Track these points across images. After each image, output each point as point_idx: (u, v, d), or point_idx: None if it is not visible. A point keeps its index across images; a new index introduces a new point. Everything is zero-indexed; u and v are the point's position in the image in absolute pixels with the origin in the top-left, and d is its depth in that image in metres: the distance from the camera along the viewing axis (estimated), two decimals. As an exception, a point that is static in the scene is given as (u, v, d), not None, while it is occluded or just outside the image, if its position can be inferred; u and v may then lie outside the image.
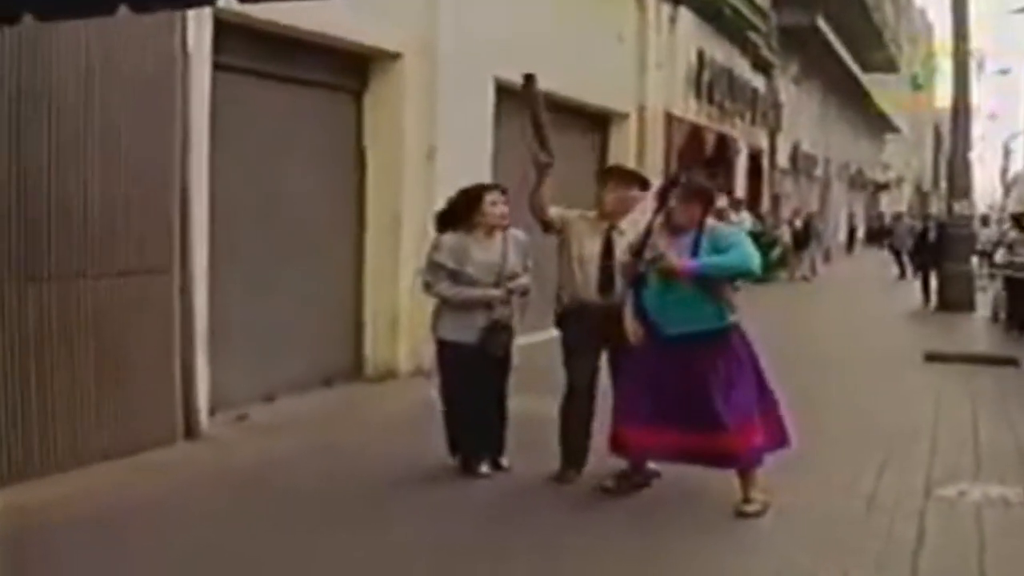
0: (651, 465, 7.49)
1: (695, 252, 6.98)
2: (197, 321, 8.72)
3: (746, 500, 6.98)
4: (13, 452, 7.19)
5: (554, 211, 7.65)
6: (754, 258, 7.00)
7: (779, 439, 7.24)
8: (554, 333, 7.90)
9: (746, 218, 23.84)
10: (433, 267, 7.72)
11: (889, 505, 7.22)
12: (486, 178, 10.34)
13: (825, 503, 7.22)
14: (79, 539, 6.30)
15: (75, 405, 7.65)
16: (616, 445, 7.31)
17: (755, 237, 24.55)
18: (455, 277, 7.64)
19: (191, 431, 8.62)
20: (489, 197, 7.74)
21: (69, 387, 7.59)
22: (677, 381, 6.97)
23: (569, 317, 7.68)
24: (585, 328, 7.55)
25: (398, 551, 6.25)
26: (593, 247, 7.54)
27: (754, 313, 7.30)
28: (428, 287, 7.79)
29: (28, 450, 7.30)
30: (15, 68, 7.17)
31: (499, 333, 7.67)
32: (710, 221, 7.27)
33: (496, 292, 7.66)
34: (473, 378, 7.67)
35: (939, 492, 7.56)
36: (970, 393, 11.60)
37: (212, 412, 9.04)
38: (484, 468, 7.80)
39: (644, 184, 7.87)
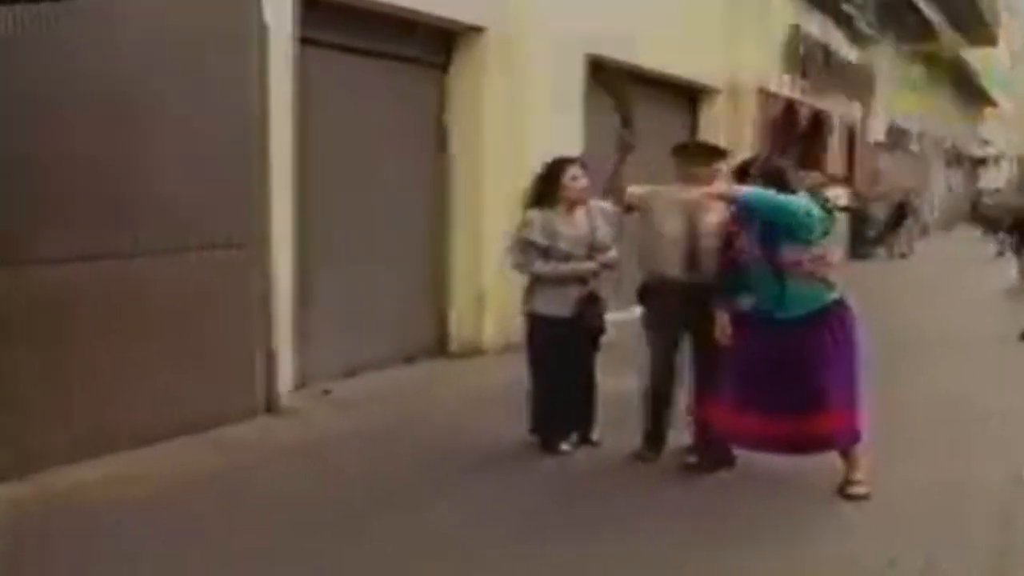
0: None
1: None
2: (280, 296, 8.73)
3: (851, 482, 6.82)
4: (91, 425, 7.23)
5: (634, 191, 7.53)
6: (812, 208, 6.68)
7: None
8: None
9: (841, 194, 23.42)
10: (524, 245, 7.63)
11: (977, 489, 7.02)
12: (576, 152, 10.22)
13: (912, 486, 7.02)
14: (153, 514, 6.33)
15: (153, 379, 7.67)
16: (706, 422, 7.22)
17: (848, 211, 24.26)
18: (547, 253, 7.56)
19: (272, 406, 8.63)
20: (569, 171, 7.64)
21: (147, 361, 7.62)
22: (777, 363, 6.81)
23: (650, 293, 7.57)
24: (666, 304, 7.43)
25: (459, 531, 6.17)
26: (676, 223, 7.38)
27: (850, 290, 7.10)
28: (521, 266, 7.71)
29: (107, 423, 7.33)
30: (87, 46, 7.16)
31: (594, 305, 7.62)
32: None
33: (590, 265, 7.60)
34: (566, 353, 7.62)
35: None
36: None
37: (295, 387, 9.04)
38: (565, 446, 7.72)
39: (724, 156, 7.70)
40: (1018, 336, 13.57)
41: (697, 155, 7.58)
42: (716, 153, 7.68)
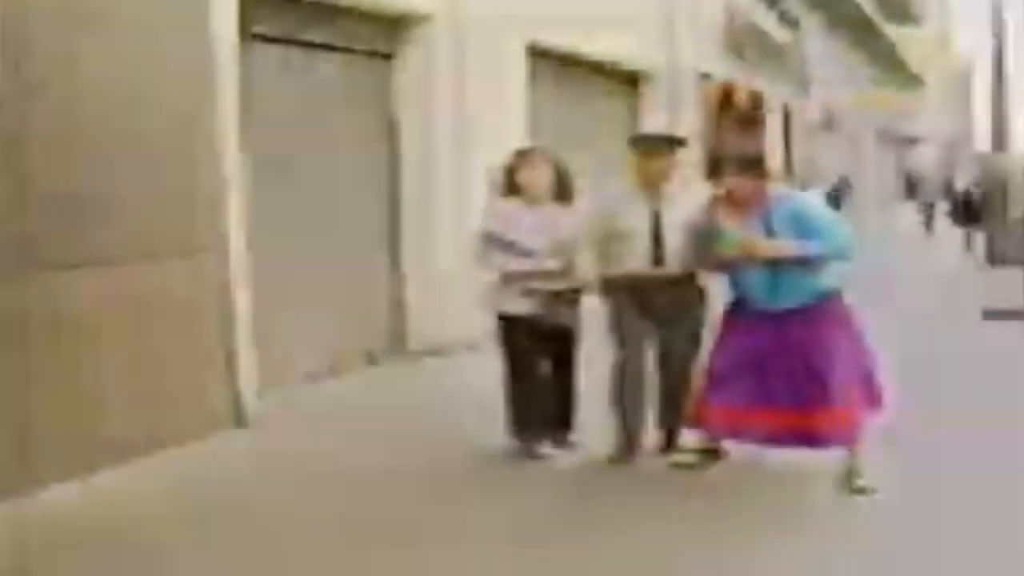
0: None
1: (768, 227, 6.56)
2: (239, 302, 8.36)
3: (855, 474, 6.57)
4: (48, 448, 6.81)
5: (590, 224, 7.26)
6: (850, 239, 6.61)
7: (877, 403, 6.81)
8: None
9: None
10: (484, 237, 7.32)
11: (972, 481, 6.74)
12: (520, 140, 10.02)
13: (907, 478, 6.74)
14: (122, 536, 6.05)
15: (114, 396, 7.29)
16: (698, 420, 6.96)
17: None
18: (508, 247, 7.22)
19: (239, 417, 8.27)
20: (528, 163, 7.34)
21: (109, 377, 7.25)
22: (774, 354, 6.59)
23: (618, 291, 7.22)
24: (636, 302, 7.14)
25: (452, 542, 5.92)
26: (638, 219, 7.07)
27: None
28: (481, 259, 7.38)
29: (66, 445, 6.93)
30: (34, 46, 6.82)
31: (558, 305, 7.24)
32: (782, 189, 6.98)
33: (552, 263, 7.23)
34: (535, 353, 7.29)
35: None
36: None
37: (259, 395, 8.65)
38: (545, 449, 7.40)
39: (680, 146, 7.39)
40: (980, 314, 13.46)
41: (654, 147, 7.27)
42: (673, 144, 7.38)
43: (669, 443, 7.35)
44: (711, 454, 7.10)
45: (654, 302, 7.10)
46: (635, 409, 7.30)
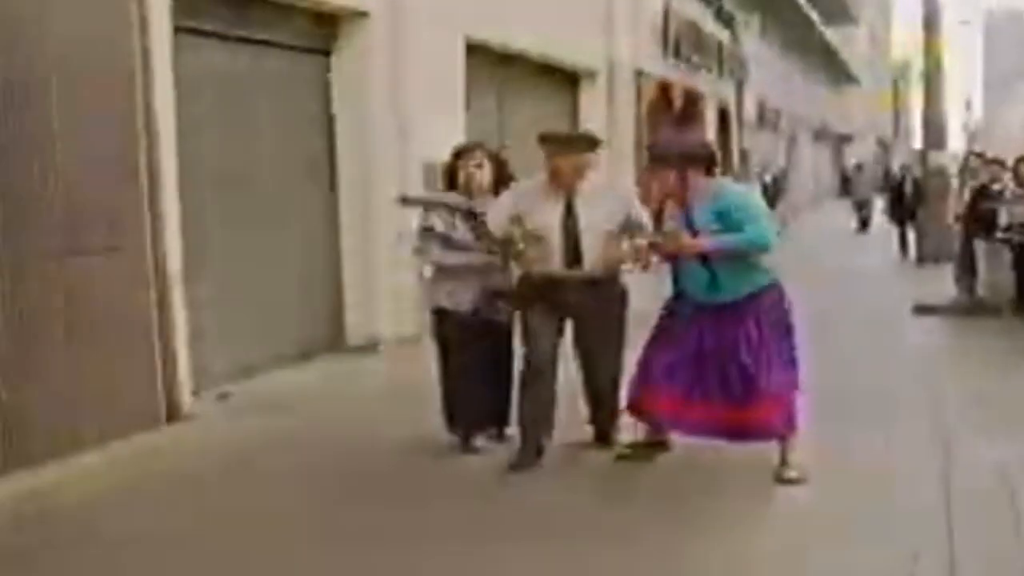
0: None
1: (690, 221, 6.62)
2: (173, 298, 8.28)
3: (785, 464, 6.68)
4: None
5: (501, 213, 7.09)
6: (770, 233, 6.62)
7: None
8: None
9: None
10: (423, 232, 7.33)
11: (912, 470, 6.90)
12: (459, 138, 10.01)
13: (847, 471, 6.88)
14: (63, 529, 6.08)
15: (51, 391, 7.22)
16: (638, 410, 7.02)
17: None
18: (447, 242, 7.24)
19: (174, 413, 8.19)
20: (468, 160, 7.35)
21: (44, 372, 7.18)
22: (710, 349, 6.67)
23: (530, 291, 7.14)
24: (548, 302, 7.06)
25: (378, 533, 5.98)
26: (551, 218, 6.97)
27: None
28: (420, 252, 7.41)
29: (5, 440, 6.87)
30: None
31: (496, 300, 7.27)
32: (721, 181, 7.04)
33: (491, 257, 7.25)
34: (471, 348, 7.29)
35: (960, 453, 7.24)
36: (968, 345, 11.33)
37: (194, 392, 8.60)
38: (480, 442, 7.45)
39: (594, 144, 7.27)
40: (911, 310, 13.65)
41: (565, 144, 7.15)
42: (584, 142, 7.28)
43: (600, 438, 7.38)
44: (655, 447, 7.15)
45: (569, 302, 7.04)
46: (538, 412, 7.17)
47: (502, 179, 7.38)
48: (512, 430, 7.49)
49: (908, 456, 7.21)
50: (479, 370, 7.34)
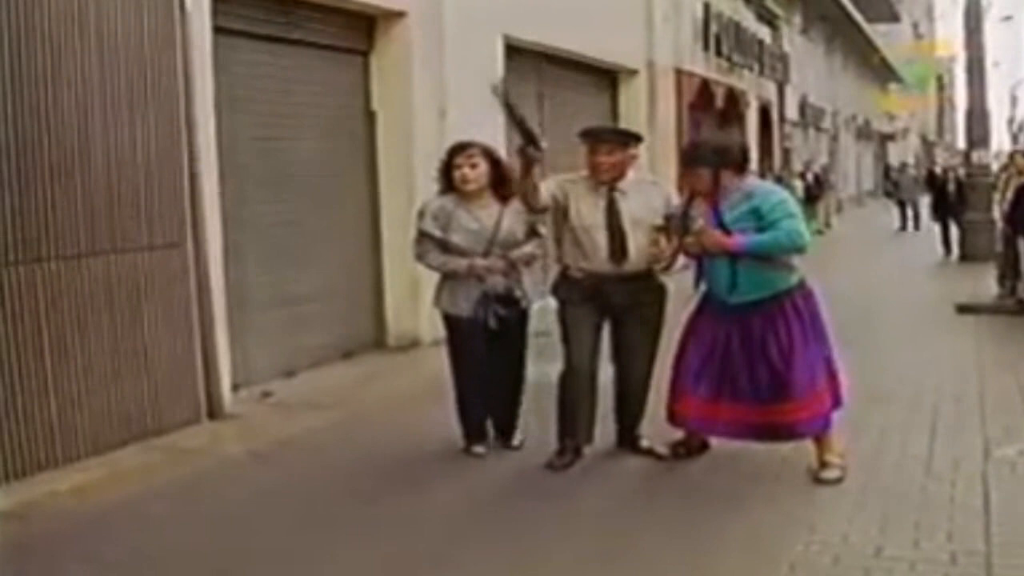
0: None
1: (720, 220, 6.58)
2: (215, 296, 8.37)
3: (824, 465, 6.64)
4: (31, 441, 6.86)
5: (546, 189, 6.91)
6: (803, 236, 6.55)
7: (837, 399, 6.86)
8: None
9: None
10: (419, 236, 7.23)
11: (947, 469, 6.84)
12: (499, 137, 10.00)
13: (881, 469, 6.86)
14: (103, 529, 6.09)
15: (93, 389, 7.29)
16: (672, 413, 6.99)
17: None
18: (443, 246, 7.15)
19: (215, 411, 8.27)
20: (463, 159, 7.15)
21: (85, 371, 7.24)
22: (739, 351, 6.63)
23: (572, 288, 7.06)
24: (591, 303, 7.00)
25: (418, 530, 6.00)
26: (594, 214, 6.92)
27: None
28: (418, 257, 7.32)
29: (46, 438, 6.96)
30: (7, 39, 6.80)
31: (491, 305, 7.09)
32: (753, 181, 6.97)
33: (483, 262, 7.10)
34: (472, 352, 7.19)
35: (997, 453, 7.17)
36: (1007, 345, 11.26)
37: (235, 389, 8.69)
38: (480, 448, 7.36)
39: (635, 139, 7.20)
40: (954, 309, 13.56)
41: (606, 140, 7.06)
42: (626, 137, 7.21)
43: (623, 438, 7.31)
44: (690, 447, 7.13)
45: (614, 302, 6.98)
46: (578, 414, 7.08)
47: (499, 178, 7.20)
48: (519, 438, 7.44)
49: (947, 454, 7.15)
50: (479, 376, 7.23)
